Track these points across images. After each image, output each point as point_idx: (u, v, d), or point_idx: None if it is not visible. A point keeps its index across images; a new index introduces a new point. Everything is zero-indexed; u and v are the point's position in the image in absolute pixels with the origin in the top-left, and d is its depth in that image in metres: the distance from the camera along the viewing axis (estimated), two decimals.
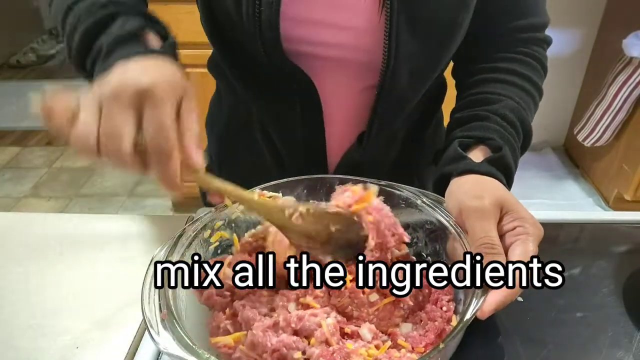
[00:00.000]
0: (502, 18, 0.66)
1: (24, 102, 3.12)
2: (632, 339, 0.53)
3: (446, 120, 0.78)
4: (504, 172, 0.57)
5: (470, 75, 0.69)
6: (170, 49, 0.54)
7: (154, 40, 0.53)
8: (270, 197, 0.56)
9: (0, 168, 2.57)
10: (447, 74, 0.74)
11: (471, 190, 0.52)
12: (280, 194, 0.57)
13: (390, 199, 0.57)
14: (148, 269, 0.46)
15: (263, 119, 0.70)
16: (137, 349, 0.54)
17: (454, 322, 0.47)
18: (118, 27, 0.52)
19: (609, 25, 2.07)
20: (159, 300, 0.44)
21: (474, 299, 0.44)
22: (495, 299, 0.44)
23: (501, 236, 0.49)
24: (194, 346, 0.40)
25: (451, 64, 0.73)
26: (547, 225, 0.51)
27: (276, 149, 0.71)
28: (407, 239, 0.52)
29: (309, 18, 0.59)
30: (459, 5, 0.59)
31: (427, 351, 0.42)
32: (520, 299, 0.53)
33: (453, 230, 0.51)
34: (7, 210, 2.27)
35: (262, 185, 0.57)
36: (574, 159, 2.37)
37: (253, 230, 0.56)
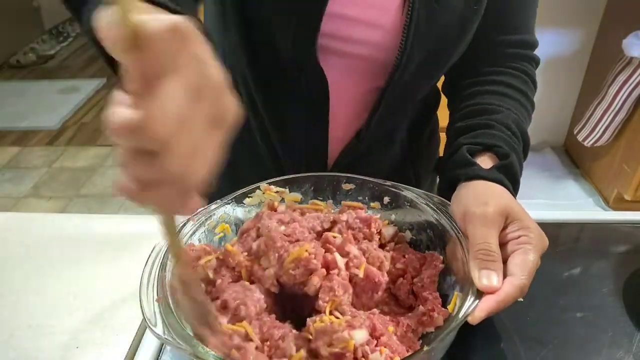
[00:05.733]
0: (493, 31, 0.67)
1: (24, 102, 3.12)
2: (632, 339, 0.53)
3: (440, 125, 0.79)
4: (511, 180, 0.57)
5: (464, 88, 0.70)
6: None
7: None
8: (276, 192, 0.57)
9: (0, 168, 2.57)
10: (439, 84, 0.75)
11: (477, 196, 0.52)
12: (287, 189, 0.57)
13: (395, 200, 0.57)
14: (149, 257, 0.48)
15: (262, 113, 0.69)
16: (137, 349, 0.54)
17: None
18: None
19: (609, 25, 2.07)
20: (156, 285, 0.45)
21: (466, 302, 0.44)
22: (487, 305, 0.44)
23: (504, 244, 0.49)
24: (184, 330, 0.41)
25: (442, 79, 0.74)
26: (547, 225, 0.51)
27: (273, 145, 0.70)
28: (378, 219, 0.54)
29: (343, 14, 0.59)
30: (470, 6, 0.60)
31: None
32: (520, 299, 0.52)
33: (454, 234, 0.51)
34: (7, 210, 2.27)
35: (270, 180, 0.57)
36: (574, 159, 2.36)
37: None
